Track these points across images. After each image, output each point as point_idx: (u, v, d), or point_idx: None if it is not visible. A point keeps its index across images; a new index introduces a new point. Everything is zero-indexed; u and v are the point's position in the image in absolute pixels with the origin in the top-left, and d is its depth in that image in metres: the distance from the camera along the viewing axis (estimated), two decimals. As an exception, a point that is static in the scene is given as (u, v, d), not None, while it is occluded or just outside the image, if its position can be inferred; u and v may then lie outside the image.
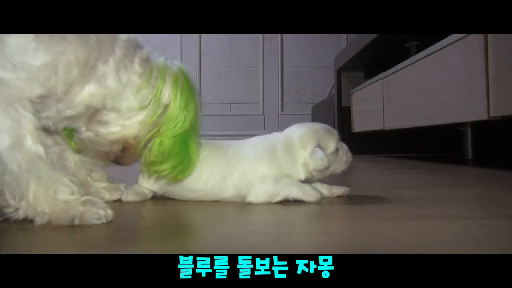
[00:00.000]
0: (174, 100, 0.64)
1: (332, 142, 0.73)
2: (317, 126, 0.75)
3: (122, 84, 0.61)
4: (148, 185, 0.75)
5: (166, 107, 0.65)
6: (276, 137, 0.74)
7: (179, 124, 0.65)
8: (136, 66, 0.62)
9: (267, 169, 0.70)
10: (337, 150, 0.74)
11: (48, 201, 0.52)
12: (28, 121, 0.53)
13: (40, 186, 0.52)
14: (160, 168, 0.66)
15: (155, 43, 3.82)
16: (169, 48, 3.50)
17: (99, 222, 0.53)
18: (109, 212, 0.54)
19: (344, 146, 0.76)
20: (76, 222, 0.52)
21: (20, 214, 0.53)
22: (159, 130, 0.65)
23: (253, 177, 0.70)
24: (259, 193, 0.68)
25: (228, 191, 0.71)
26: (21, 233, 0.51)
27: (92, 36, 0.57)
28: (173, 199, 0.75)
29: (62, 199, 0.53)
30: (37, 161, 0.53)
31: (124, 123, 0.63)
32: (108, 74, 0.59)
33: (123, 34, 0.61)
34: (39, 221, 0.52)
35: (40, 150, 0.53)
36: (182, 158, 0.66)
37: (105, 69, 0.59)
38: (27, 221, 0.54)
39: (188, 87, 0.66)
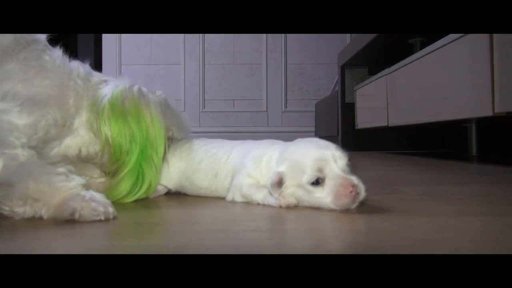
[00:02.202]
0: (110, 133, 0.68)
1: (302, 174, 0.60)
2: (303, 148, 0.63)
3: (93, 131, 0.68)
4: (163, 181, 0.76)
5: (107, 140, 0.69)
6: (267, 150, 0.68)
7: (125, 149, 0.68)
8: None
9: (247, 175, 0.68)
10: (313, 184, 0.60)
11: (47, 193, 0.55)
12: (17, 142, 0.58)
13: (36, 183, 0.55)
14: (118, 189, 0.68)
15: (158, 40, 3.84)
16: (173, 44, 3.49)
17: (97, 218, 0.53)
18: (110, 209, 0.55)
19: (339, 182, 0.58)
20: (76, 216, 0.53)
21: (29, 211, 0.55)
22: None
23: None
24: (233, 189, 0.67)
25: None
26: (22, 230, 0.52)
27: (72, 96, 0.66)
28: (184, 196, 0.77)
29: (58, 187, 0.55)
30: (29, 165, 0.57)
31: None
32: (81, 126, 0.68)
33: (95, 76, 0.71)
34: (45, 215, 0.54)
35: (31, 157, 0.58)
36: (137, 178, 0.68)
37: (79, 122, 0.68)
38: (30, 218, 0.54)
39: (118, 115, 0.68)
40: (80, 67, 0.70)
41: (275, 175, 0.62)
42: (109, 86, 0.71)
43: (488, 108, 1.14)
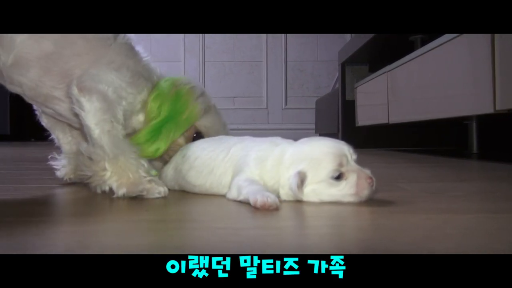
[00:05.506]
0: (157, 106, 0.81)
1: (324, 170, 0.61)
2: (320, 146, 0.64)
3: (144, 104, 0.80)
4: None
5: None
6: (273, 149, 0.67)
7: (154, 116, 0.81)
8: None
9: (250, 174, 0.66)
10: (335, 178, 0.61)
11: (127, 171, 0.69)
12: (120, 115, 0.72)
13: (125, 159, 0.70)
14: (137, 137, 0.79)
15: (159, 37, 3.82)
16: (173, 41, 3.49)
17: (159, 196, 0.69)
18: (166, 189, 0.70)
19: (359, 175, 0.61)
20: (145, 193, 0.69)
21: (112, 179, 0.69)
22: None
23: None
24: (231, 186, 0.66)
25: (225, 189, 0.70)
26: (29, 227, 0.52)
27: (150, 84, 0.80)
28: (183, 194, 0.76)
29: (139, 173, 0.70)
30: (124, 143, 0.71)
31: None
32: (148, 104, 0.80)
33: (157, 70, 0.83)
34: (119, 192, 0.68)
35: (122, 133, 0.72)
36: (151, 137, 0.80)
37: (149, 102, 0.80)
38: (33, 215, 0.54)
39: (171, 96, 0.81)
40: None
41: (297, 176, 0.61)
42: (171, 76, 0.84)
43: (489, 105, 1.13)
